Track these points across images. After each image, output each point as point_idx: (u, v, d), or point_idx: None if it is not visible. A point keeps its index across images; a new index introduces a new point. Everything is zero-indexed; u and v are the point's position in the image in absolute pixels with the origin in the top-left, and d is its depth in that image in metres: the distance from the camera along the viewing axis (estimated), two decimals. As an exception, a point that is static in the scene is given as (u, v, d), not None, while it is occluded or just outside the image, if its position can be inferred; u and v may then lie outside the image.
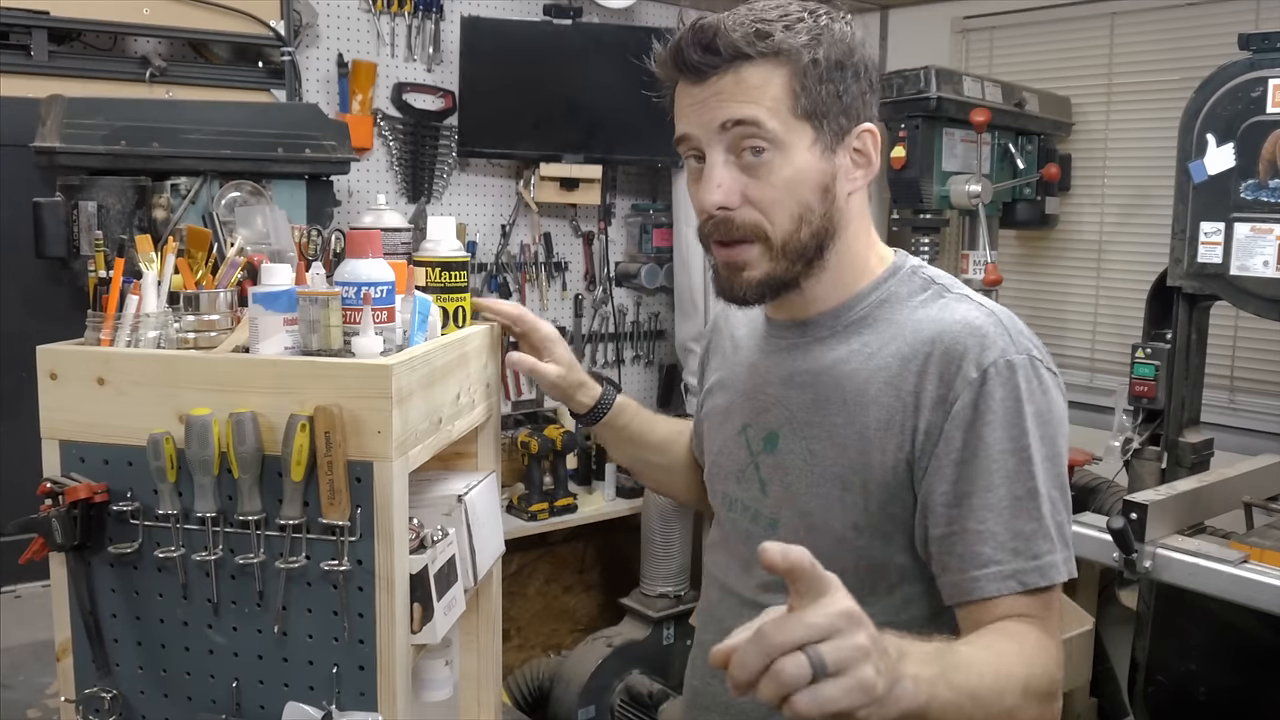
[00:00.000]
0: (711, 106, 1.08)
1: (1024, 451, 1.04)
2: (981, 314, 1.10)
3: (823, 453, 1.13)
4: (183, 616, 1.18)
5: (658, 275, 3.79)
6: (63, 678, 1.22)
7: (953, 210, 3.07)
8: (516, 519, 3.33)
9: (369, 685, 1.14)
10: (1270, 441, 2.81)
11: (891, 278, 1.17)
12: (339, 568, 1.12)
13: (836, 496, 1.12)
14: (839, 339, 1.16)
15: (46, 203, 2.04)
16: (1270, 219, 2.21)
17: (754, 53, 1.07)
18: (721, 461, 1.28)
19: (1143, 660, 2.40)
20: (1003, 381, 1.05)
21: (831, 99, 1.09)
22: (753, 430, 1.22)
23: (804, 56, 1.07)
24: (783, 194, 1.09)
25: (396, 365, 1.11)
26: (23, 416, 1.31)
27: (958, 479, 1.05)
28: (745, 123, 1.07)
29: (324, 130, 2.30)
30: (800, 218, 1.10)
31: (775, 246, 1.10)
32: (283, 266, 1.19)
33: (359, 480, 1.11)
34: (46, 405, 1.18)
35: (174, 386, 1.14)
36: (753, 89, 1.07)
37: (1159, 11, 3.11)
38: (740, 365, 1.28)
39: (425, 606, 1.19)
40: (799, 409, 1.16)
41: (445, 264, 1.37)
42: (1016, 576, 1.03)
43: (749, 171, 1.09)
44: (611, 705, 3.26)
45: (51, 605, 1.21)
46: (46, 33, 2.57)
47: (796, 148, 1.08)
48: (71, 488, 1.15)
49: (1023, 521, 1.03)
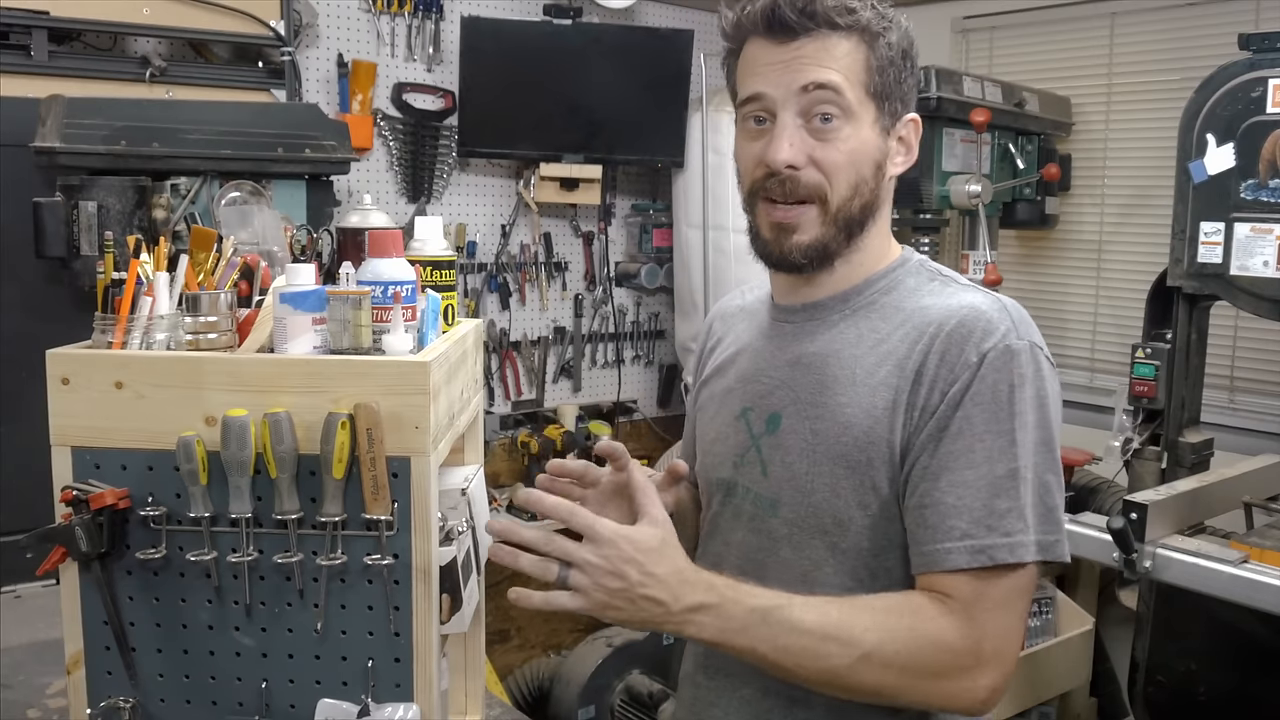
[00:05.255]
0: (795, 68, 1.11)
1: (1010, 434, 1.06)
2: (988, 300, 1.12)
3: (826, 432, 1.14)
4: (208, 620, 1.17)
5: (658, 275, 3.79)
6: (74, 690, 1.19)
7: (953, 210, 3.07)
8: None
9: (405, 677, 1.16)
10: (1270, 441, 2.81)
11: (900, 268, 1.21)
12: (381, 562, 1.13)
13: (842, 475, 1.13)
14: (848, 322, 1.18)
15: (46, 203, 2.04)
16: (1270, 219, 2.22)
17: (844, 24, 1.11)
18: (717, 449, 1.27)
19: (1143, 660, 2.40)
20: (1000, 366, 1.07)
21: (895, 84, 1.15)
22: (754, 413, 1.23)
23: (881, 38, 1.13)
24: (846, 162, 1.13)
25: (433, 361, 1.14)
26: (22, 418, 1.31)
27: (940, 453, 1.07)
28: (827, 87, 1.11)
29: (324, 130, 2.30)
30: (856, 187, 1.14)
31: (830, 211, 1.14)
32: (307, 267, 1.19)
33: (395, 475, 1.13)
34: (57, 411, 1.15)
35: (199, 388, 1.13)
36: (837, 57, 1.11)
37: (1159, 11, 3.11)
38: (741, 352, 1.29)
39: (454, 597, 1.21)
40: (804, 390, 1.18)
41: (434, 263, 1.39)
42: (987, 551, 1.04)
43: (817, 135, 1.12)
44: (611, 705, 3.26)
45: (61, 614, 1.19)
46: (46, 33, 2.57)
47: (863, 121, 1.13)
48: (96, 494, 1.13)
49: (999, 500, 1.05)
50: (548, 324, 3.76)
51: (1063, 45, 3.34)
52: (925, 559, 1.08)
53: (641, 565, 1.01)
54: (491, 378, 3.63)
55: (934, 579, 1.07)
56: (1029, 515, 1.05)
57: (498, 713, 1.63)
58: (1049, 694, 2.72)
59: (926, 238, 3.05)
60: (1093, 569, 2.97)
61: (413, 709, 1.15)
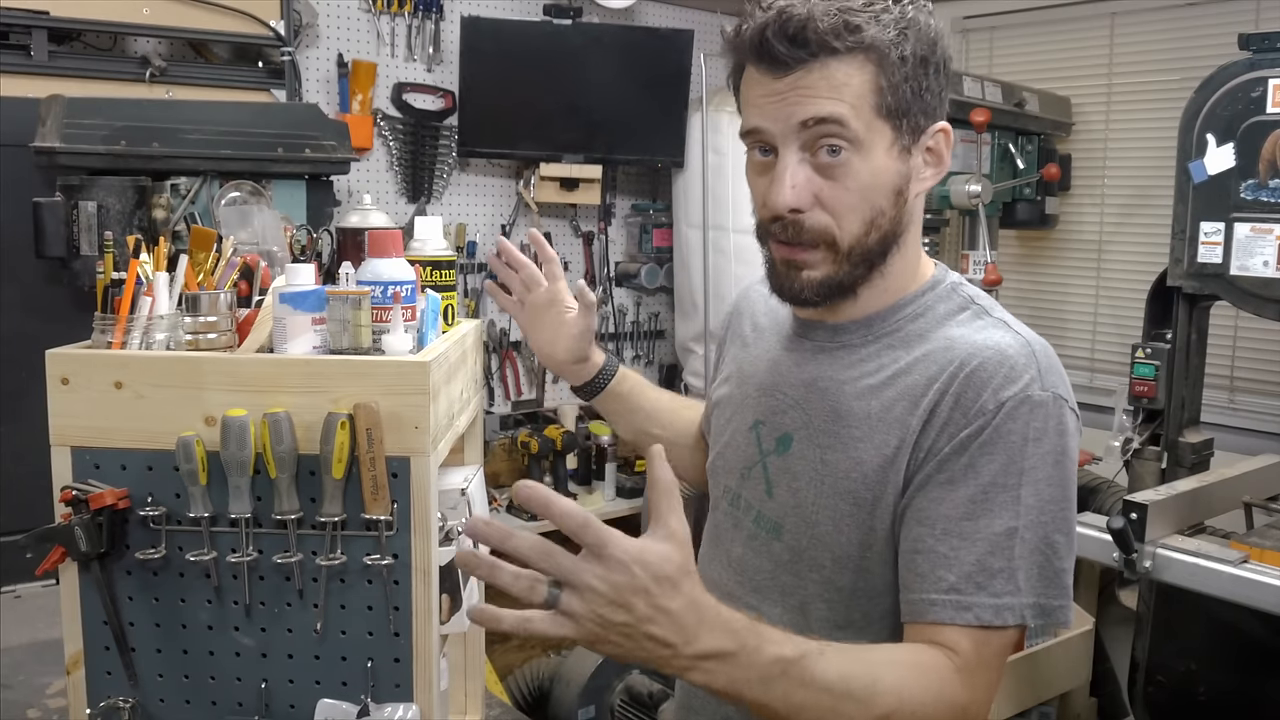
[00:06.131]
0: (792, 102, 1.01)
1: (1015, 490, 1.00)
2: (1016, 343, 1.05)
3: (836, 464, 1.09)
4: (207, 620, 1.17)
5: (658, 275, 3.79)
6: (74, 690, 1.19)
7: (953, 210, 3.07)
8: (517, 519, 3.32)
9: (404, 677, 1.16)
10: (1270, 441, 2.81)
11: (930, 291, 1.12)
12: (381, 562, 1.13)
13: (847, 512, 1.08)
14: (870, 349, 1.11)
15: (46, 203, 2.04)
16: (1270, 219, 2.22)
17: (843, 47, 1.00)
18: (728, 455, 1.24)
19: (1143, 660, 2.40)
20: (1018, 416, 1.00)
21: (914, 97, 1.04)
22: (765, 428, 1.18)
23: (892, 53, 1.01)
24: (857, 199, 1.04)
25: (433, 361, 1.14)
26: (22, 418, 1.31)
27: (940, 499, 1.02)
28: (829, 120, 1.01)
29: (324, 130, 2.30)
30: (871, 222, 1.05)
31: (841, 252, 1.05)
32: (307, 267, 1.19)
33: (395, 476, 1.13)
34: (57, 411, 1.15)
35: (198, 389, 1.14)
36: (838, 85, 1.00)
37: (1159, 11, 3.12)
38: (760, 358, 1.23)
39: (454, 597, 1.21)
40: (818, 416, 1.12)
41: (434, 263, 1.39)
42: (973, 610, 0.99)
43: (824, 172, 1.03)
44: (611, 705, 3.26)
45: (60, 614, 1.19)
46: (46, 33, 2.57)
47: (876, 149, 1.03)
48: (96, 494, 1.13)
49: (993, 558, 1.00)
50: (548, 324, 3.76)
51: (1063, 45, 3.34)
52: (911, 607, 1.03)
53: (653, 597, 0.84)
54: (491, 378, 3.63)
55: (925, 630, 1.01)
56: (1020, 578, 1.00)
57: (497, 713, 1.63)
58: (1049, 694, 2.72)
59: (927, 238, 3.04)
60: (1093, 569, 2.96)
61: (412, 709, 1.15)
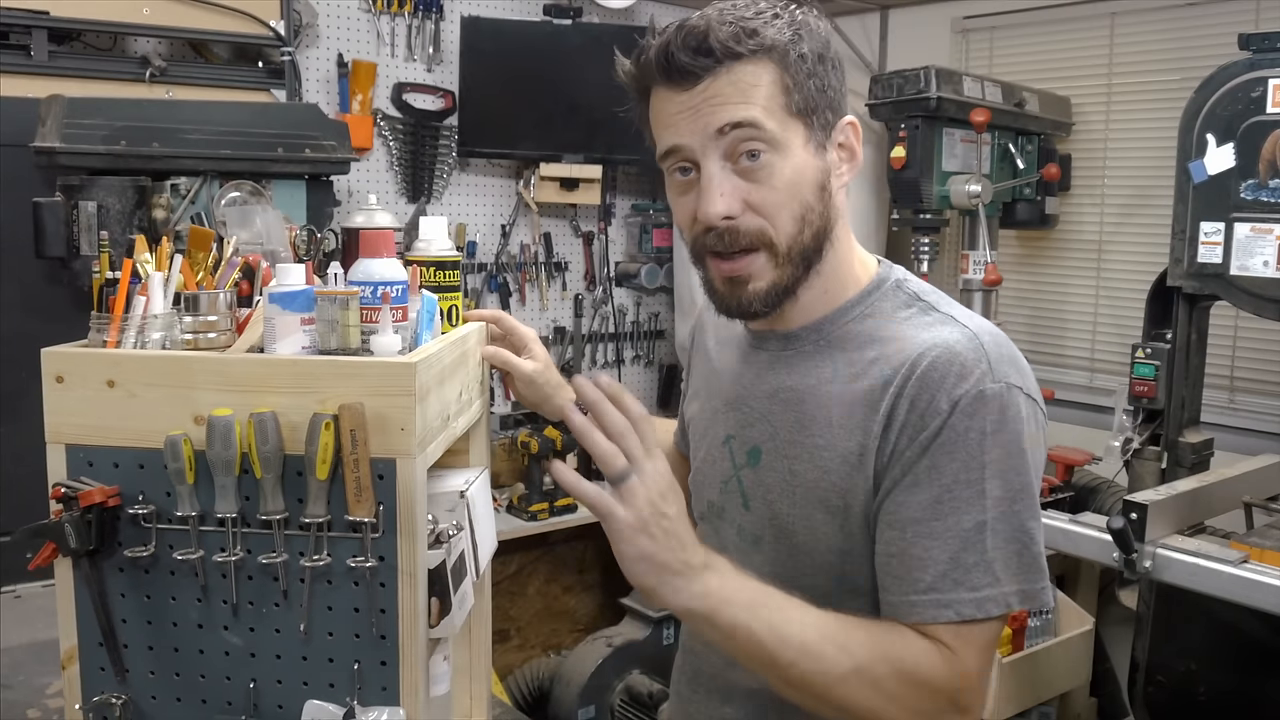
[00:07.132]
0: (705, 112, 1.04)
1: (979, 484, 1.02)
2: (964, 337, 1.06)
3: (804, 474, 1.11)
4: (197, 619, 1.17)
5: (658, 275, 3.80)
6: (69, 686, 1.20)
7: (953, 210, 3.07)
8: (517, 519, 3.32)
9: (391, 680, 1.15)
10: (1270, 441, 2.81)
11: (876, 291, 1.14)
12: (365, 564, 1.13)
13: (820, 520, 1.10)
14: (823, 355, 1.13)
15: (46, 203, 2.05)
16: (1270, 219, 2.21)
17: (745, 50, 1.03)
18: (706, 470, 1.25)
19: (1143, 660, 2.40)
20: (972, 413, 1.02)
21: (819, 93, 1.07)
22: (736, 442, 1.19)
23: (791, 52, 1.04)
24: (785, 196, 1.05)
25: (420, 363, 1.13)
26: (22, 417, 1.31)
27: (907, 502, 1.03)
28: (744, 125, 1.03)
29: (324, 130, 2.30)
30: (802, 219, 1.06)
31: (780, 252, 1.07)
32: (297, 267, 1.19)
33: (381, 477, 1.12)
34: (52, 409, 1.16)
35: (189, 388, 1.14)
36: (747, 89, 1.03)
37: (1159, 11, 3.11)
38: (724, 372, 1.25)
39: (443, 600, 1.20)
40: (783, 427, 1.13)
41: (439, 263, 1.38)
42: (953, 606, 1.01)
43: (747, 176, 1.05)
44: (611, 705, 3.26)
45: (57, 612, 1.19)
46: (46, 33, 2.57)
47: (793, 146, 1.05)
48: (85, 492, 1.13)
49: (966, 553, 1.01)
50: (548, 324, 3.76)
51: (1063, 45, 3.34)
52: (892, 610, 1.04)
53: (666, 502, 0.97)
54: (492, 378, 3.63)
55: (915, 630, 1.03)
56: (998, 568, 1.02)
57: (498, 713, 1.63)
58: (1049, 694, 2.72)
59: (926, 238, 3.04)
60: (1093, 569, 2.97)
61: (398, 713, 1.14)
